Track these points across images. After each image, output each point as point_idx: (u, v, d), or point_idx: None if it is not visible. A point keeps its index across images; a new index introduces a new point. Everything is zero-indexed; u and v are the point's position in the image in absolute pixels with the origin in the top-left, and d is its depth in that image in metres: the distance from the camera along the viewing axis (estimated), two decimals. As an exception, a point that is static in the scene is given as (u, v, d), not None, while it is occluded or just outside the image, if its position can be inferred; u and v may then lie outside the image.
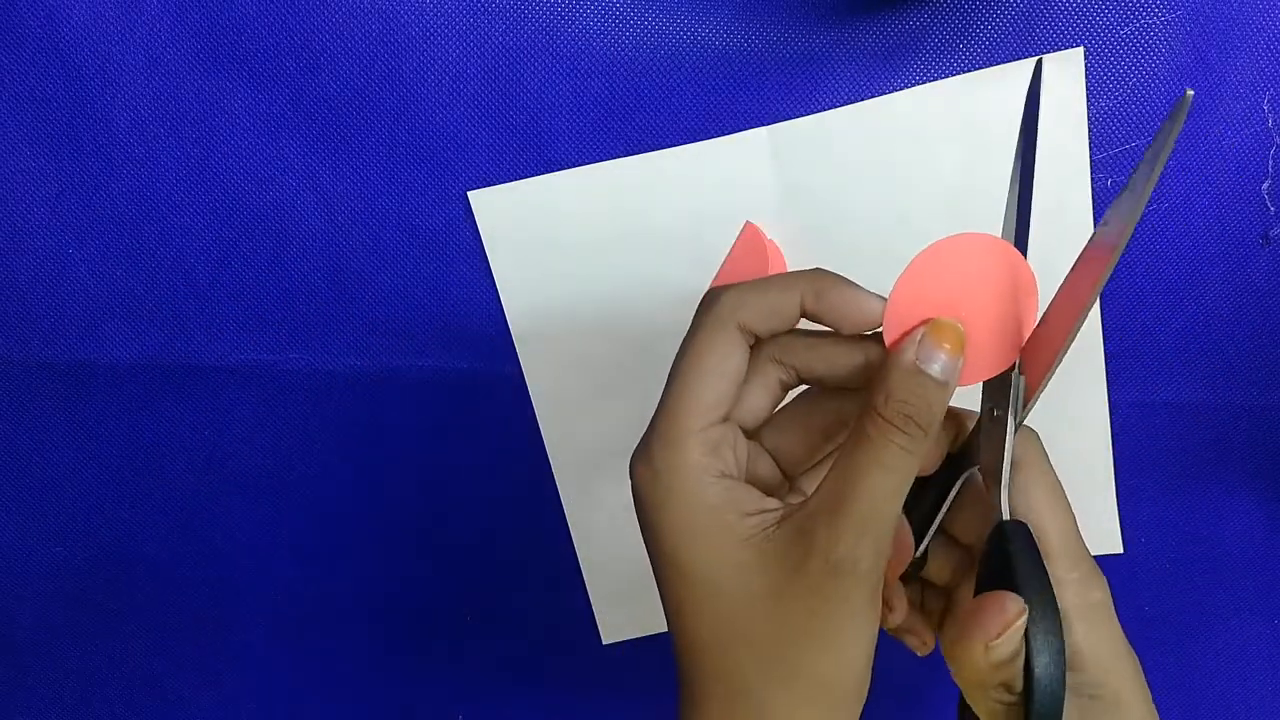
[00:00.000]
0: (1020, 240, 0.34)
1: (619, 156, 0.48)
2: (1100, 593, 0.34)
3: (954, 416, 0.36)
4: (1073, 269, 0.31)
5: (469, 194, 0.49)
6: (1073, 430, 0.49)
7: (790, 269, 0.48)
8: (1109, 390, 0.49)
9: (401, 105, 0.48)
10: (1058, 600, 0.32)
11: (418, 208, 0.49)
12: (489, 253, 0.50)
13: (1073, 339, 0.31)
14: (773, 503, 0.32)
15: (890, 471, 0.30)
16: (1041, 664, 0.30)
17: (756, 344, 0.33)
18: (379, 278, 0.51)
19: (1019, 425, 0.34)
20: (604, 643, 0.56)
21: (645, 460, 0.32)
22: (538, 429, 0.52)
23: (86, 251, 0.51)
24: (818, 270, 0.33)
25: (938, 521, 0.36)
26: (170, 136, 0.49)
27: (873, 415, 0.30)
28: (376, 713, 0.58)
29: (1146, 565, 0.53)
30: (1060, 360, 0.31)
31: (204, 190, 0.50)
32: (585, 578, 0.55)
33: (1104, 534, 0.51)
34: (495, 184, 0.49)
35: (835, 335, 0.33)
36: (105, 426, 0.54)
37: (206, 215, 0.50)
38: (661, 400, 0.33)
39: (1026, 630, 0.30)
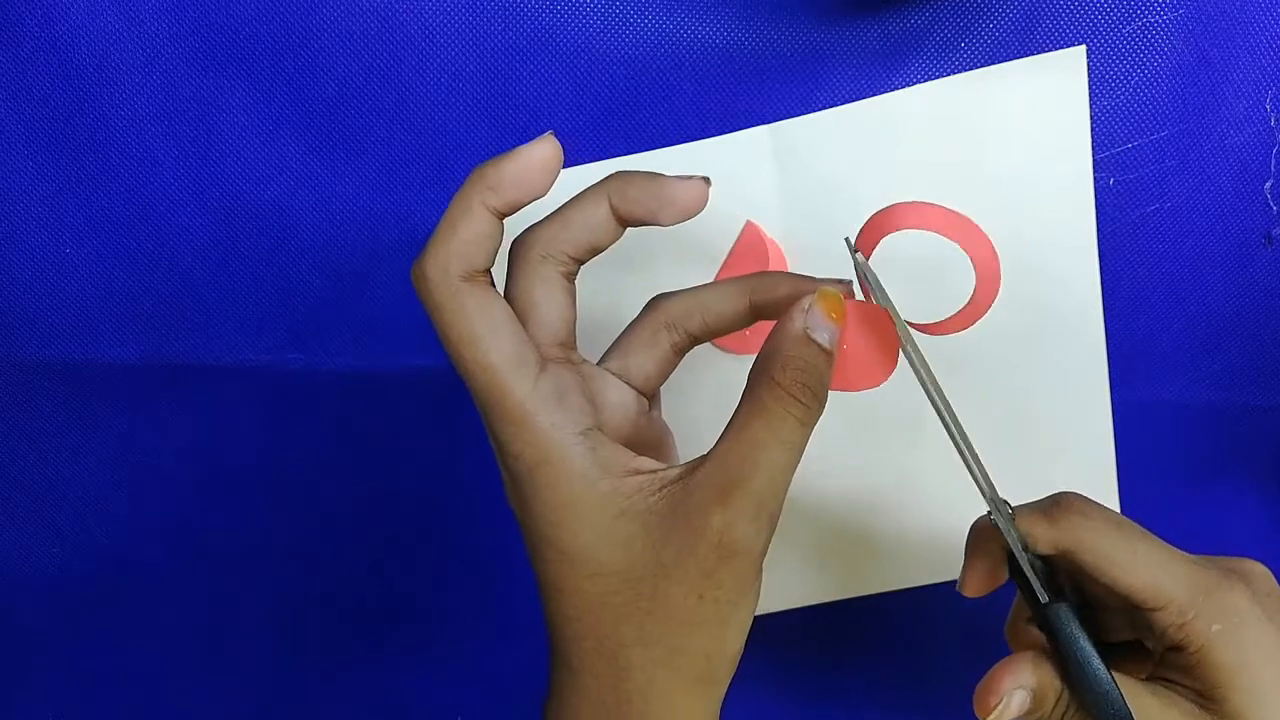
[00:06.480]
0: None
1: (618, 155, 0.48)
2: (1204, 621, 0.33)
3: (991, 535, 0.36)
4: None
5: (468, 194, 0.49)
6: (1075, 431, 0.49)
7: (790, 269, 0.48)
8: (1111, 390, 0.49)
9: (400, 105, 0.48)
10: (1155, 636, 0.34)
11: (417, 207, 0.49)
12: (488, 252, 0.50)
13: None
14: (645, 462, 0.31)
15: (788, 446, 0.29)
16: None
17: (649, 312, 0.35)
18: (378, 278, 0.51)
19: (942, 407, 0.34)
20: (604, 643, 0.56)
21: (499, 448, 0.31)
22: (537, 429, 0.52)
23: (83, 251, 0.51)
24: (613, 175, 0.33)
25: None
26: (168, 135, 0.49)
27: (771, 384, 0.29)
28: (376, 713, 0.58)
29: (1148, 566, 0.52)
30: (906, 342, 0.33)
31: (202, 190, 0.49)
32: (585, 578, 0.54)
33: (1105, 535, 0.51)
34: (494, 183, 0.48)
35: (717, 285, 0.35)
36: (103, 426, 0.54)
37: (204, 215, 0.50)
38: (472, 385, 0.31)
39: (1083, 699, 0.33)
